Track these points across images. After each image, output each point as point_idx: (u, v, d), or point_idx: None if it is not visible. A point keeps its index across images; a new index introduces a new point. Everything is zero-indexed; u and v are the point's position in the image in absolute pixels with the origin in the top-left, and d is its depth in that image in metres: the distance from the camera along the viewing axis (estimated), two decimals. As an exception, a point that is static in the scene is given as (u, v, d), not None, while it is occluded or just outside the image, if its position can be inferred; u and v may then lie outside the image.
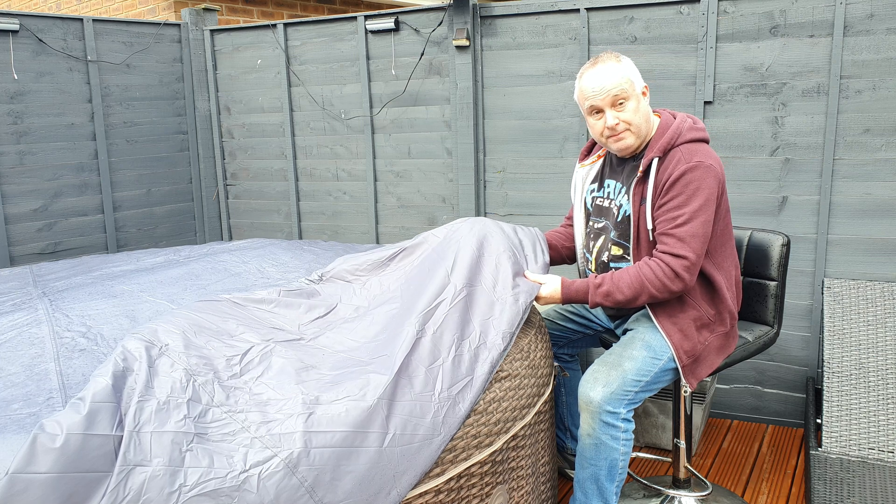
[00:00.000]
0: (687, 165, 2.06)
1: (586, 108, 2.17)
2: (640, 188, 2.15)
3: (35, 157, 3.66)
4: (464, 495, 1.77)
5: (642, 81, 2.17)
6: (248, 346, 1.78)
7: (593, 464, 2.10)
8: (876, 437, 2.46)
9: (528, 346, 2.08)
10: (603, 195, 2.33)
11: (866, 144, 2.88)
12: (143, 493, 1.36)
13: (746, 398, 3.23)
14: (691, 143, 2.11)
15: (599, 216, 2.33)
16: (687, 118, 2.18)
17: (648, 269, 2.07)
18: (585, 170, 2.40)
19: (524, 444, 2.01)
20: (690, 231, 2.05)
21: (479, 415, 1.81)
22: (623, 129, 2.13)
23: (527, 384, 2.02)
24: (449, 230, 2.30)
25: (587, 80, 2.14)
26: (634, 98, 2.11)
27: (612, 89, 2.09)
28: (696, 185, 2.05)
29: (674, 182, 2.06)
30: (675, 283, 2.06)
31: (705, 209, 2.05)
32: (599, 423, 2.06)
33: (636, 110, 2.12)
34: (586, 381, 2.10)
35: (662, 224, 2.09)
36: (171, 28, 4.14)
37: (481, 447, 1.81)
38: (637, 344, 2.16)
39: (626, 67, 2.12)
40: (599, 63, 2.13)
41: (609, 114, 2.12)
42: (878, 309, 2.74)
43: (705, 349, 2.18)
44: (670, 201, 2.07)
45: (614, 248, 2.26)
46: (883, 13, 2.78)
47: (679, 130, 2.12)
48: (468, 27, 3.43)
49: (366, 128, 3.87)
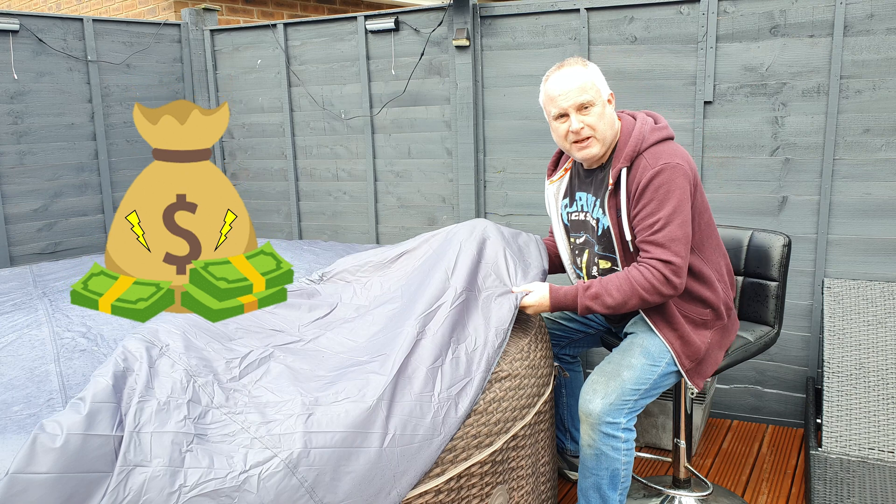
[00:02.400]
0: (654, 170, 2.04)
1: (551, 113, 2.15)
2: (614, 200, 2.13)
3: (35, 157, 3.66)
4: (464, 495, 1.77)
5: (608, 89, 2.16)
6: (247, 350, 1.78)
7: (595, 473, 2.10)
8: (876, 437, 2.46)
9: (528, 347, 2.08)
10: (577, 209, 2.31)
11: (866, 144, 2.88)
12: (144, 494, 1.36)
13: (746, 398, 3.23)
14: (656, 146, 2.09)
15: (578, 231, 2.32)
16: (647, 118, 2.16)
17: (638, 273, 2.05)
18: (555, 186, 2.38)
19: (524, 444, 2.01)
20: (669, 235, 2.03)
21: (479, 415, 1.81)
22: (588, 134, 2.11)
23: (527, 384, 2.02)
24: (450, 232, 2.30)
25: (553, 83, 2.13)
26: (600, 104, 2.10)
27: (577, 93, 2.07)
28: (667, 189, 2.03)
29: (644, 189, 2.05)
30: (666, 288, 2.04)
31: (680, 210, 2.04)
32: (600, 434, 2.05)
33: (601, 115, 2.10)
34: (585, 392, 2.09)
35: (641, 232, 2.07)
36: (171, 28, 4.14)
37: (481, 447, 1.81)
38: (635, 351, 2.14)
39: (592, 73, 2.11)
40: (566, 66, 2.12)
41: (574, 118, 2.10)
42: (878, 309, 2.74)
43: (707, 348, 2.17)
44: (643, 209, 2.05)
45: (602, 262, 2.25)
46: (883, 13, 2.78)
47: (641, 135, 2.10)
48: (468, 27, 3.43)
49: (366, 128, 3.87)
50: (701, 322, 2.17)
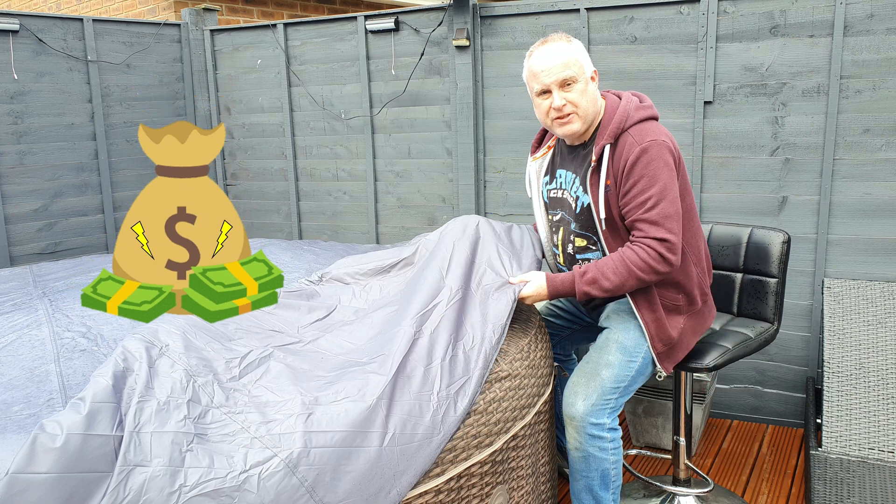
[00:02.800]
0: (641, 147, 2.02)
1: (534, 89, 2.13)
2: (596, 177, 2.10)
3: (35, 157, 3.66)
4: (464, 495, 1.77)
5: (592, 66, 2.14)
6: (246, 350, 1.79)
7: (585, 475, 2.09)
8: (876, 437, 2.46)
9: (527, 346, 2.08)
10: (556, 186, 2.29)
11: (866, 144, 2.88)
12: (144, 494, 1.36)
13: (746, 398, 3.24)
14: (640, 124, 2.08)
15: (555, 208, 2.30)
16: (633, 97, 2.14)
17: (633, 254, 2.03)
18: (537, 163, 2.36)
19: (524, 444, 2.01)
20: (663, 212, 2.01)
21: (479, 415, 1.81)
22: (570, 111, 2.09)
23: (527, 384, 2.02)
24: (443, 231, 2.30)
25: (536, 58, 2.11)
26: (583, 80, 2.08)
27: (560, 69, 2.05)
28: (656, 165, 2.01)
29: (632, 166, 2.02)
30: (663, 265, 2.02)
31: (670, 187, 2.02)
32: (585, 436, 2.04)
33: (584, 92, 2.08)
34: (567, 395, 2.08)
35: (632, 211, 2.05)
36: (171, 28, 4.14)
37: (481, 447, 1.81)
38: (611, 347, 2.13)
39: (575, 49, 2.09)
40: (549, 42, 2.10)
41: (556, 94, 2.08)
42: (878, 309, 2.74)
43: (680, 333, 2.16)
44: (633, 187, 2.03)
45: (577, 240, 2.23)
46: (883, 13, 2.78)
47: (626, 112, 2.08)
48: (468, 27, 3.43)
49: (366, 128, 3.87)
50: (674, 307, 2.15)
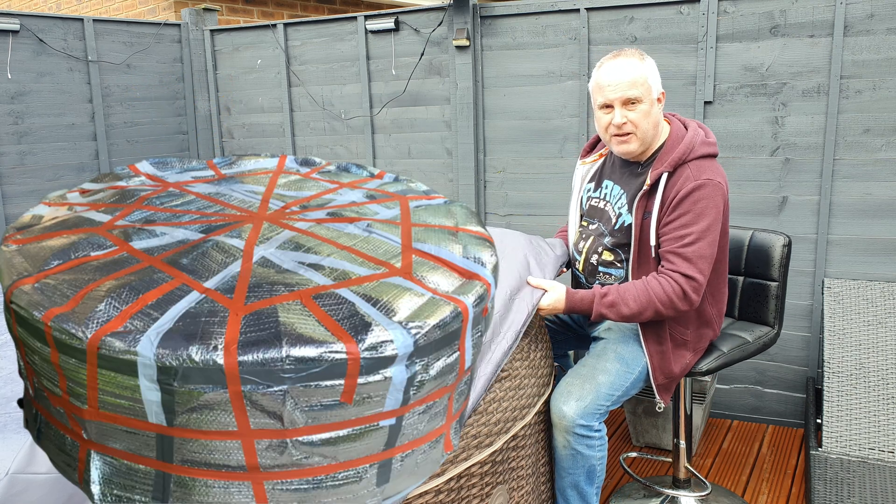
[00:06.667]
0: (696, 183, 1.99)
1: (597, 101, 2.09)
2: (645, 202, 2.07)
3: (36, 157, 3.66)
4: (464, 495, 1.77)
5: (660, 87, 2.08)
6: None
7: (571, 473, 2.09)
8: (876, 437, 2.46)
9: (528, 347, 2.08)
10: (599, 195, 2.26)
11: (866, 144, 2.88)
12: (144, 494, 1.35)
13: (746, 398, 3.24)
14: (702, 160, 2.04)
15: (592, 217, 2.27)
16: (699, 129, 2.10)
17: (657, 285, 2.00)
18: (586, 168, 2.34)
19: (524, 444, 2.01)
20: (698, 251, 1.99)
21: (480, 415, 1.81)
22: (629, 130, 2.05)
23: (527, 384, 2.02)
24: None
25: (604, 71, 2.06)
26: (648, 101, 2.03)
27: (627, 87, 2.01)
28: (705, 204, 1.98)
29: (682, 199, 2.00)
30: (683, 303, 2.00)
31: (713, 229, 2.00)
32: (574, 436, 2.03)
33: (647, 114, 2.04)
34: (559, 393, 2.06)
35: (669, 242, 2.02)
36: (171, 28, 4.14)
37: (481, 447, 1.81)
38: (610, 356, 2.12)
39: (647, 68, 2.04)
40: (621, 56, 2.05)
41: (618, 111, 2.04)
42: (878, 309, 2.74)
43: (682, 369, 2.16)
44: (678, 219, 2.00)
45: (606, 254, 2.20)
46: (883, 13, 2.78)
47: (692, 145, 2.04)
48: (468, 27, 3.43)
49: (366, 128, 3.87)
50: (681, 342, 2.14)
